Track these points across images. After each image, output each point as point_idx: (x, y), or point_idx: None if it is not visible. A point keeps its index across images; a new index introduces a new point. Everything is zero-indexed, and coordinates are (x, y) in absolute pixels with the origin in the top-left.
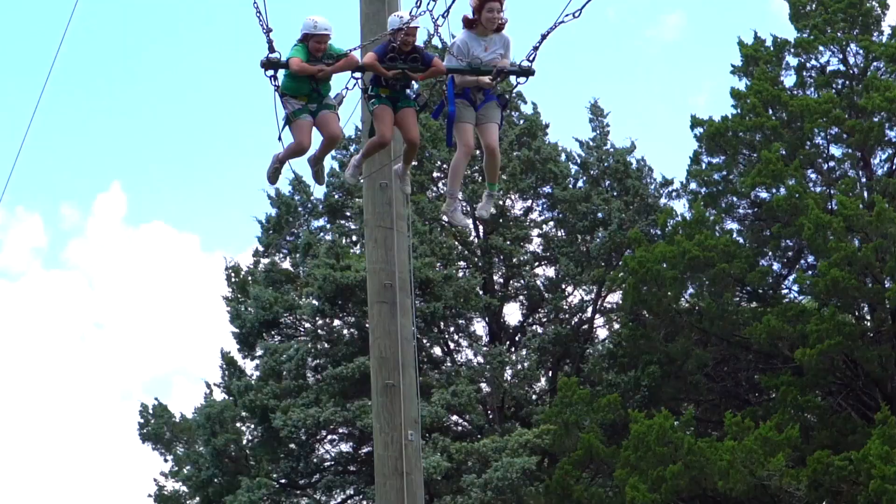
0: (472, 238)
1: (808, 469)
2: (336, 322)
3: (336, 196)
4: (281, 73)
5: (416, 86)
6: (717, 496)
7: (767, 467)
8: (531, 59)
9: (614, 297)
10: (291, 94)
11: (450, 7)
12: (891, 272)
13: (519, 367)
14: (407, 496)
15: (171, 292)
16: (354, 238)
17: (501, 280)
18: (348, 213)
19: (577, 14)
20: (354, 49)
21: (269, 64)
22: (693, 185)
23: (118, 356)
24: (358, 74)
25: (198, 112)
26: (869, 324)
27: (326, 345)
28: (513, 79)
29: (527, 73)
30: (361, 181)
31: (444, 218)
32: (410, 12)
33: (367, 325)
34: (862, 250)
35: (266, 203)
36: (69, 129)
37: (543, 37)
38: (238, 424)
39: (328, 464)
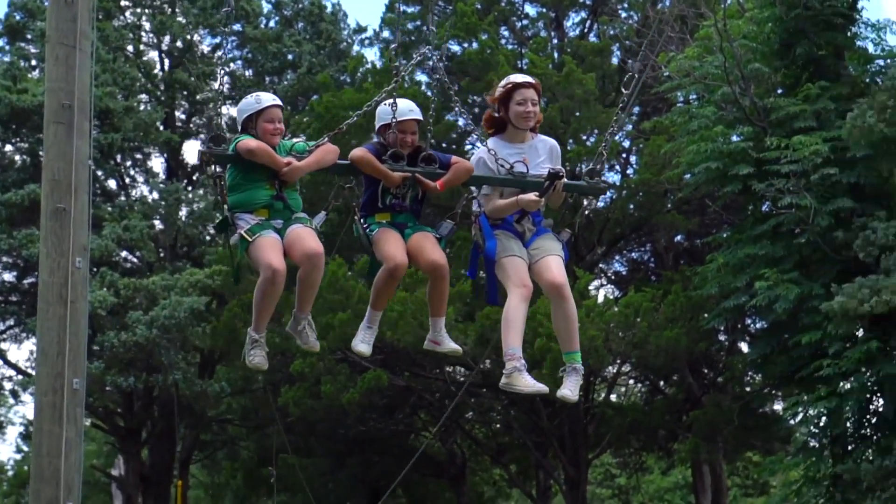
0: (156, 71)
1: (476, 324)
2: (8, 147)
3: (17, 17)
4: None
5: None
6: (385, 346)
7: None
8: (594, 170)
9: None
10: (244, 208)
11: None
12: (574, 134)
13: (195, 206)
14: (70, 324)
15: None
16: (34, 62)
17: (184, 116)
18: (29, 36)
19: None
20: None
21: (213, 156)
22: (386, 34)
23: None
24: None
25: None
26: None
27: None
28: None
29: (596, 191)
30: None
31: (509, 387)
32: (394, 101)
33: (40, 152)
34: (548, 110)
35: None
36: None
37: (606, 143)
38: None
39: None
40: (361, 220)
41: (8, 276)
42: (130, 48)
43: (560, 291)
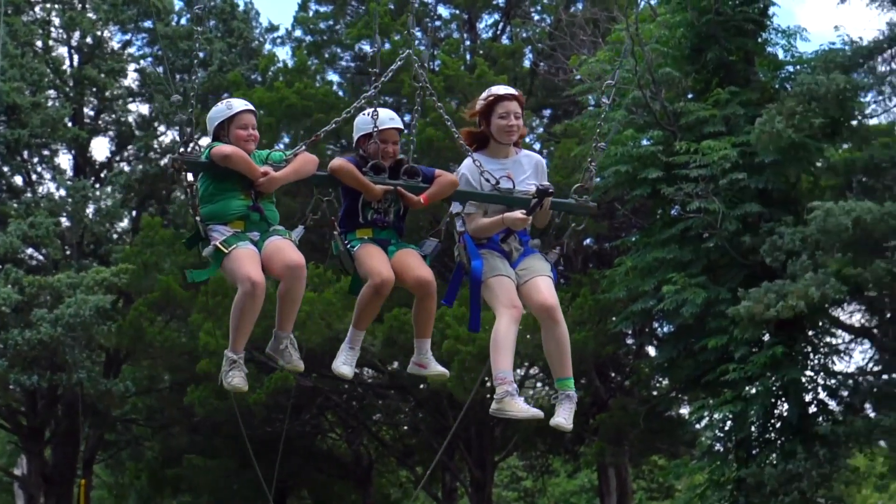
0: (65, 67)
1: (384, 325)
2: None
3: None
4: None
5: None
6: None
7: (344, 321)
8: (583, 188)
9: (204, 140)
10: (218, 219)
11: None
12: None
13: (102, 203)
14: None
15: None
16: None
17: (92, 113)
18: None
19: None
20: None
21: (185, 163)
22: (298, 33)
23: None
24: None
25: None
26: None
27: None
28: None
29: (585, 210)
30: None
31: (501, 413)
32: (374, 111)
33: None
34: (458, 110)
35: None
36: None
37: (592, 160)
38: None
39: None
40: (342, 237)
41: None
42: (39, 44)
43: (551, 314)
